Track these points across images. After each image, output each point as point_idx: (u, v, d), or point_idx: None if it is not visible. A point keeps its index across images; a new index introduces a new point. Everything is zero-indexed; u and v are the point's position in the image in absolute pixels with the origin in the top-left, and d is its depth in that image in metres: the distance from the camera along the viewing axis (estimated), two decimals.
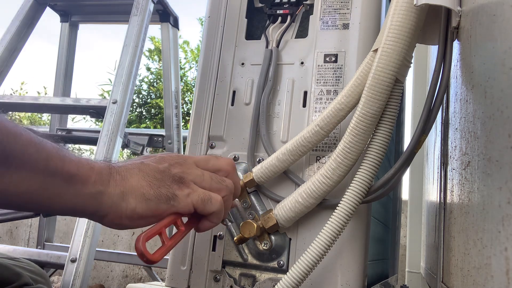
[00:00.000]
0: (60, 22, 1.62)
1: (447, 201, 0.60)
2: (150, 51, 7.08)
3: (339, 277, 0.60)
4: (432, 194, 0.96)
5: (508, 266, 0.29)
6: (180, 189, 0.46)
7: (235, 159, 0.68)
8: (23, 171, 0.36)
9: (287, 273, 0.54)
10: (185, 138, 1.63)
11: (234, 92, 0.71)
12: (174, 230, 0.49)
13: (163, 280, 1.05)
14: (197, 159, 0.51)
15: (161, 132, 1.60)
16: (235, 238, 0.62)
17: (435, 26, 0.58)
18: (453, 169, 0.54)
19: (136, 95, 6.77)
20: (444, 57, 0.56)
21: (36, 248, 1.55)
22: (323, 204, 0.61)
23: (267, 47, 0.71)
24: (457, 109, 0.54)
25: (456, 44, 0.56)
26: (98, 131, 1.18)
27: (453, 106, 0.58)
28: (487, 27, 0.40)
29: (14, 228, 2.71)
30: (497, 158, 0.33)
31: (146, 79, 7.09)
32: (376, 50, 0.55)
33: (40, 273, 0.69)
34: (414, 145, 0.56)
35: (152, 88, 6.97)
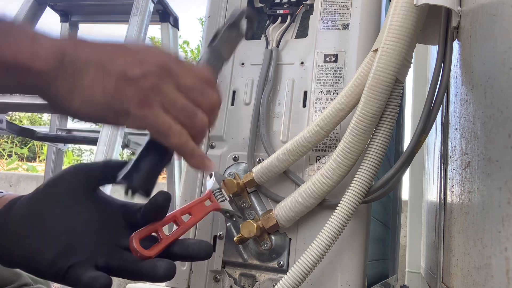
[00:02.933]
0: (60, 22, 1.62)
1: (447, 201, 0.60)
2: None
3: (339, 277, 0.60)
4: (432, 194, 0.96)
5: (508, 266, 0.29)
6: (139, 107, 0.39)
7: (235, 159, 0.68)
8: None
9: (287, 273, 0.54)
10: None
11: (234, 92, 0.71)
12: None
13: None
14: (184, 78, 0.42)
15: None
16: (235, 238, 0.62)
17: (435, 26, 0.58)
18: (453, 169, 0.54)
19: None
20: (444, 57, 0.56)
21: None
22: (323, 204, 0.61)
23: (267, 47, 0.71)
24: (457, 109, 0.54)
25: (456, 44, 0.56)
26: (98, 131, 1.18)
27: (453, 106, 0.58)
28: (487, 27, 0.40)
29: None
30: (497, 158, 0.33)
31: None
32: (376, 50, 0.55)
33: None
34: (414, 145, 0.56)
35: None
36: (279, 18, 0.72)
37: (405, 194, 1.68)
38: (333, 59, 0.67)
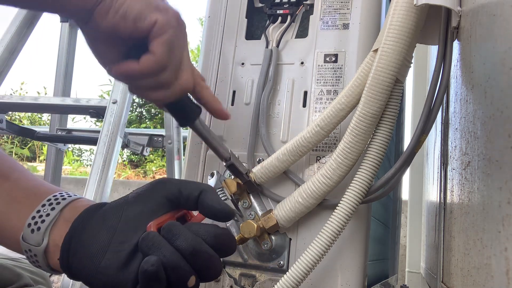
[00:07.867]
0: (60, 22, 1.62)
1: (447, 201, 0.60)
2: None
3: (339, 277, 0.60)
4: (432, 194, 0.96)
5: (508, 266, 0.29)
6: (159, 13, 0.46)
7: None
8: None
9: (287, 273, 0.54)
10: (185, 138, 1.63)
11: (234, 92, 0.71)
12: None
13: None
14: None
15: (161, 132, 1.60)
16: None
17: (435, 26, 0.58)
18: (453, 169, 0.54)
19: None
20: (444, 57, 0.56)
21: None
22: (323, 204, 0.61)
23: (267, 47, 0.71)
24: (457, 109, 0.54)
25: (456, 44, 0.56)
26: (98, 131, 1.18)
27: (453, 106, 0.58)
28: (487, 27, 0.40)
29: None
30: (497, 158, 0.33)
31: None
32: (376, 50, 0.55)
33: (41, 273, 0.69)
34: (414, 145, 0.56)
35: None
36: (279, 18, 0.72)
37: (405, 194, 1.68)
38: (333, 59, 0.67)
